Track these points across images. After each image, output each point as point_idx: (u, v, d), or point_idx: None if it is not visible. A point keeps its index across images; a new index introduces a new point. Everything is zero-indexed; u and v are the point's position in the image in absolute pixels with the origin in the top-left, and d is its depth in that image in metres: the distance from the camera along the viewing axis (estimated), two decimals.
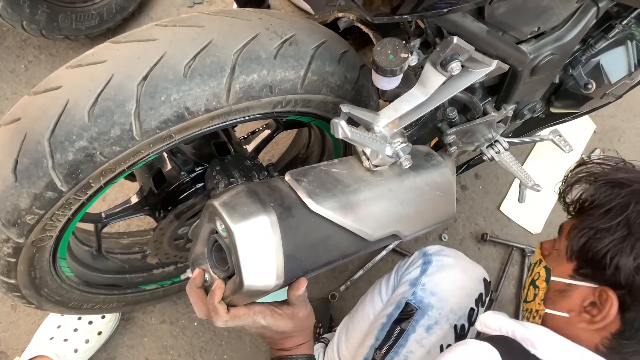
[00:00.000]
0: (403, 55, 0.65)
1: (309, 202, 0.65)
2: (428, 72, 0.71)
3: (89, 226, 1.00)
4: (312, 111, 0.81)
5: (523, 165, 1.69)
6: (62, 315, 1.26)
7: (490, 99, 0.93)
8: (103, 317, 1.28)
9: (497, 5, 0.67)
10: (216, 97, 0.66)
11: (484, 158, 1.01)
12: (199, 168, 0.94)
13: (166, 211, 0.94)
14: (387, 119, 0.73)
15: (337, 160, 0.76)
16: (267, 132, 1.07)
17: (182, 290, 1.26)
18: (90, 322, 1.27)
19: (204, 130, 0.71)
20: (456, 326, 0.92)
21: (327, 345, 1.11)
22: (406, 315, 0.92)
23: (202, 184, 0.94)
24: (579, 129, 1.75)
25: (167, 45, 0.64)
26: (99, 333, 1.27)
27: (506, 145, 0.99)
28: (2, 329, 1.33)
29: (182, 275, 1.21)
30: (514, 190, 1.64)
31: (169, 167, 0.93)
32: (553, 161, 1.70)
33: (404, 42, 0.67)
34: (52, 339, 1.23)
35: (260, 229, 0.61)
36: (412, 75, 0.85)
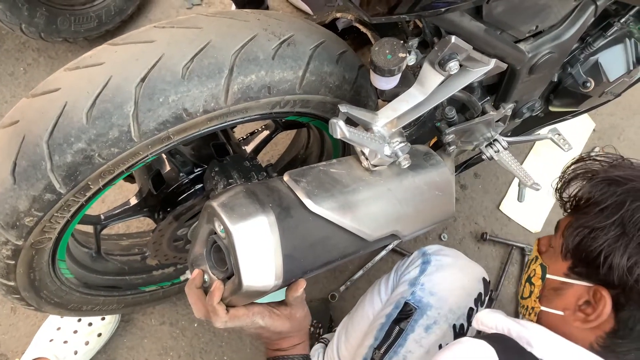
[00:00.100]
0: (401, 55, 0.65)
1: (308, 203, 0.65)
2: (426, 72, 0.71)
3: (88, 228, 1.00)
4: (311, 111, 0.81)
5: (522, 164, 1.69)
6: (61, 317, 1.25)
7: (489, 98, 0.93)
8: (103, 319, 1.28)
9: (494, 4, 0.67)
10: (214, 98, 0.66)
11: (483, 157, 1.01)
12: (198, 169, 0.94)
13: (165, 212, 0.93)
14: (385, 119, 0.72)
15: (336, 160, 0.76)
16: (265, 133, 1.07)
17: (181, 292, 1.25)
18: (90, 324, 1.26)
19: (203, 132, 0.71)
20: (455, 326, 0.92)
21: (327, 346, 1.11)
22: (405, 315, 0.92)
23: (201, 185, 0.94)
24: (578, 128, 1.75)
25: (165, 46, 0.64)
26: (99, 335, 1.27)
27: (505, 144, 0.99)
28: (2, 331, 1.33)
29: (182, 276, 1.22)
30: (514, 190, 1.64)
31: (168, 168, 0.93)
32: (552, 160, 1.69)
33: (402, 41, 0.67)
34: (51, 341, 1.23)
35: (259, 229, 0.61)
36: (410, 75, 0.85)
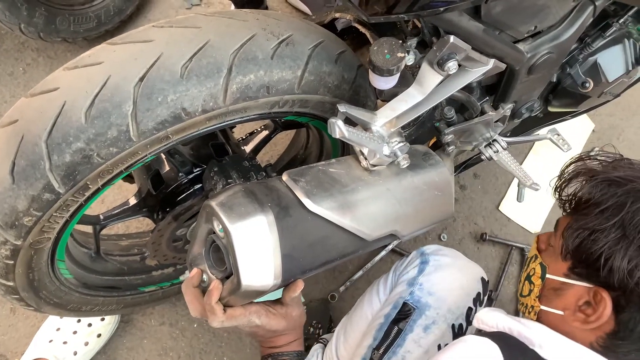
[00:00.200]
0: (400, 54, 0.65)
1: (307, 202, 0.65)
2: (425, 72, 0.71)
3: (88, 228, 1.00)
4: (310, 111, 0.81)
5: (522, 164, 1.69)
6: (61, 317, 1.25)
7: (488, 98, 0.93)
8: (102, 320, 1.27)
9: (493, 4, 0.67)
10: (213, 97, 0.66)
11: (482, 157, 1.01)
12: (197, 169, 0.94)
13: (164, 213, 0.93)
14: (384, 119, 0.72)
15: (335, 160, 0.76)
16: (265, 133, 1.07)
17: (181, 292, 1.24)
18: (89, 325, 1.26)
19: (202, 131, 0.71)
20: (454, 326, 0.91)
21: (325, 346, 1.11)
22: (404, 315, 0.92)
23: (200, 185, 0.94)
24: (578, 128, 1.75)
25: (164, 46, 0.64)
26: (99, 335, 1.27)
27: (504, 145, 0.99)
28: (1, 332, 1.32)
29: (181, 276, 1.22)
30: (513, 190, 1.64)
31: (167, 168, 0.93)
32: (552, 160, 1.70)
33: (401, 41, 0.67)
34: (51, 341, 1.22)
35: (258, 228, 0.61)
36: (409, 75, 0.85)
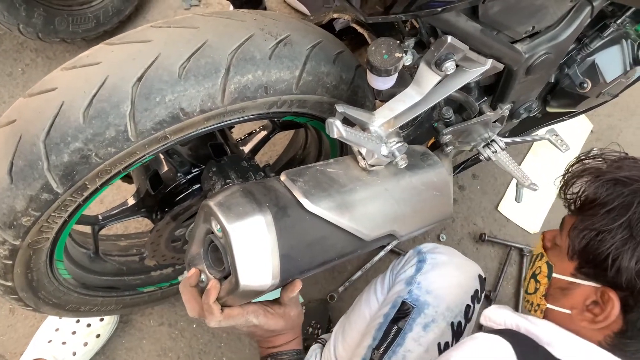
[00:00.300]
0: (397, 55, 0.65)
1: (305, 202, 0.65)
2: (423, 72, 0.71)
3: (86, 228, 1.00)
4: (308, 112, 0.81)
5: (521, 164, 1.69)
6: (60, 318, 1.25)
7: (486, 98, 0.93)
8: (101, 320, 1.27)
9: (490, 5, 0.67)
10: (211, 97, 0.66)
11: (481, 158, 1.01)
12: (196, 169, 0.94)
13: (163, 213, 0.93)
14: (382, 119, 0.73)
15: (333, 160, 0.76)
16: (263, 133, 1.07)
17: (180, 292, 1.25)
18: (88, 325, 1.26)
19: (200, 131, 0.71)
20: (453, 323, 0.91)
21: (324, 346, 1.11)
22: (403, 314, 0.92)
23: (199, 185, 0.94)
24: (576, 129, 1.75)
25: (162, 46, 0.64)
26: (98, 336, 1.27)
27: (503, 145, 0.99)
28: (0, 332, 1.32)
29: (180, 277, 1.22)
30: (512, 190, 1.64)
31: (166, 168, 0.93)
32: (551, 160, 1.70)
33: (399, 42, 0.67)
34: (50, 342, 1.22)
35: (256, 228, 0.61)
36: (407, 75, 0.85)
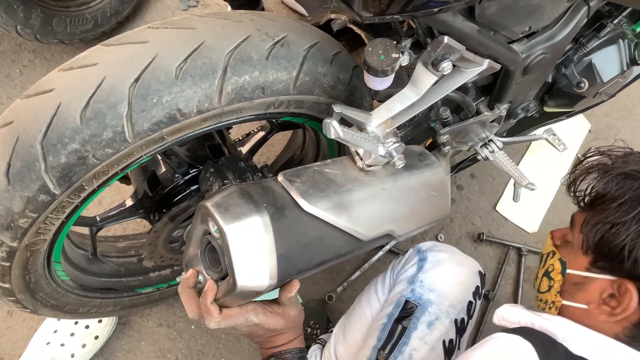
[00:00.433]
0: (394, 55, 0.65)
1: (302, 202, 0.65)
2: (419, 72, 0.71)
3: (84, 230, 1.00)
4: (306, 112, 0.81)
5: (519, 164, 1.69)
6: (58, 319, 1.25)
7: (483, 98, 0.94)
8: (100, 321, 1.27)
9: (487, 5, 0.67)
10: (208, 98, 0.66)
11: (478, 157, 1.01)
12: (193, 170, 0.94)
13: (161, 214, 0.93)
14: (379, 119, 0.73)
15: (331, 160, 0.76)
16: (261, 134, 1.07)
17: (178, 293, 1.25)
18: (87, 327, 1.26)
19: (197, 132, 0.71)
20: (456, 320, 0.91)
21: (324, 347, 1.11)
22: (406, 313, 0.92)
23: (197, 186, 0.94)
24: (574, 128, 1.76)
25: (159, 47, 0.64)
26: (96, 337, 1.27)
27: (500, 145, 1.00)
28: None
29: (178, 278, 1.21)
30: (510, 190, 1.64)
31: (163, 169, 0.93)
32: (548, 160, 1.70)
33: (395, 42, 0.67)
34: (48, 343, 1.22)
35: (253, 229, 0.61)
36: (404, 76, 0.85)
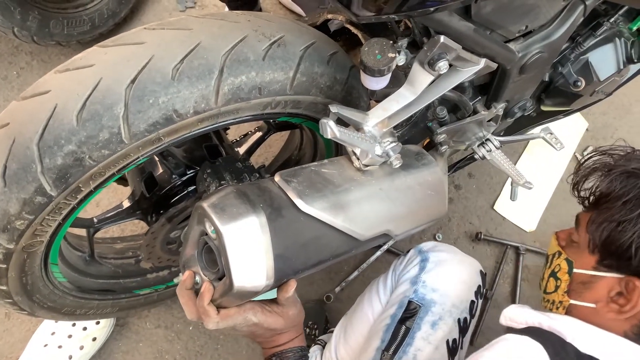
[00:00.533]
0: (390, 55, 0.65)
1: (299, 203, 0.65)
2: (416, 72, 0.71)
3: (81, 231, 0.99)
4: (303, 112, 0.81)
5: (516, 163, 1.70)
6: (55, 321, 1.25)
7: (480, 97, 0.94)
8: (97, 323, 1.27)
9: (483, 4, 0.67)
10: (205, 99, 0.66)
11: (476, 157, 1.02)
12: (191, 171, 0.94)
13: (158, 215, 0.93)
14: (376, 119, 0.73)
15: (328, 160, 0.76)
16: (258, 135, 1.07)
17: (176, 295, 1.25)
18: (84, 328, 1.26)
19: (194, 133, 0.71)
20: (459, 320, 0.91)
21: (324, 348, 1.11)
22: (410, 314, 0.92)
23: (194, 187, 0.93)
24: (572, 127, 1.76)
25: (155, 48, 0.64)
26: (94, 339, 1.27)
27: (497, 144, 1.00)
28: None
29: (176, 279, 1.20)
30: (508, 189, 1.64)
31: (160, 170, 0.93)
32: (546, 159, 1.70)
33: (392, 42, 0.67)
34: (46, 346, 1.22)
35: (250, 229, 0.61)
36: (401, 75, 0.85)
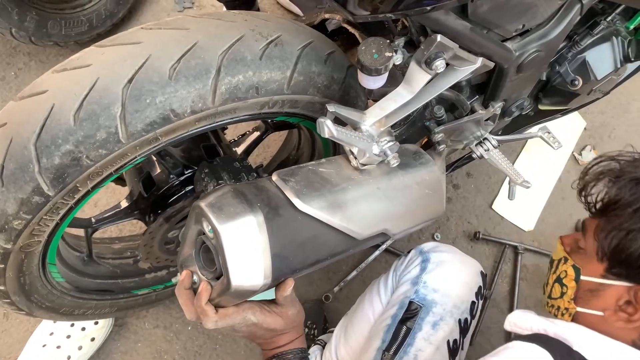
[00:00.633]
0: (387, 54, 0.66)
1: (296, 202, 0.65)
2: (413, 71, 0.71)
3: (79, 231, 0.99)
4: (300, 112, 0.81)
5: (515, 163, 1.70)
6: (54, 322, 1.25)
7: (477, 97, 0.94)
8: (96, 323, 1.27)
9: (479, 3, 0.67)
10: (202, 98, 0.66)
11: (473, 156, 1.02)
12: (188, 171, 0.93)
13: (156, 215, 0.93)
14: (373, 118, 0.73)
15: (325, 159, 0.76)
16: (256, 134, 1.07)
17: (174, 295, 1.25)
18: (83, 329, 1.26)
19: (191, 132, 0.71)
20: (460, 320, 0.92)
21: (324, 347, 1.11)
22: (411, 314, 0.92)
23: (192, 186, 0.93)
24: (570, 126, 1.76)
25: (152, 48, 0.64)
26: (92, 339, 1.27)
27: (495, 143, 1.00)
28: None
29: (174, 279, 1.21)
30: (506, 188, 1.64)
31: (158, 170, 0.93)
32: (544, 158, 1.70)
33: (389, 41, 0.67)
34: (44, 346, 1.22)
35: (247, 229, 0.60)
36: (398, 75, 0.85)
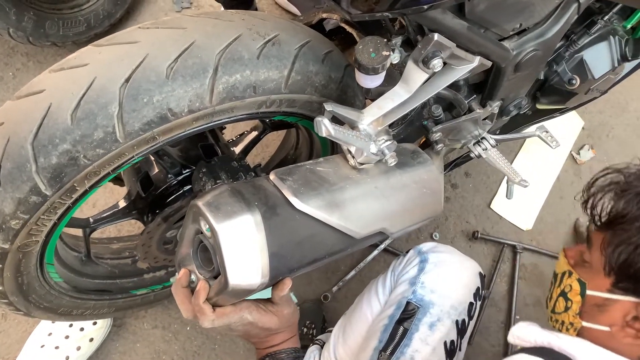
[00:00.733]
0: (385, 53, 0.66)
1: (294, 201, 0.65)
2: (410, 70, 0.71)
3: (77, 231, 0.99)
4: (298, 111, 0.81)
5: (513, 162, 1.70)
6: (52, 322, 1.25)
7: (475, 96, 0.94)
8: (94, 324, 1.27)
9: (477, 2, 0.68)
10: (199, 98, 0.66)
11: (471, 155, 1.02)
12: (186, 170, 0.93)
13: (154, 214, 0.93)
14: (371, 117, 0.73)
15: (323, 159, 0.77)
16: (254, 134, 1.07)
17: (173, 295, 1.25)
18: (81, 329, 1.26)
19: (189, 132, 0.71)
20: (457, 321, 0.91)
21: (322, 348, 1.10)
22: (408, 315, 0.91)
23: (190, 186, 0.93)
24: (568, 125, 1.76)
25: (149, 47, 0.64)
26: (91, 340, 1.26)
27: (493, 142, 1.00)
28: None
29: (172, 279, 1.21)
30: (504, 188, 1.64)
31: (156, 170, 0.93)
32: (542, 158, 1.71)
33: (386, 40, 0.67)
34: (43, 346, 1.22)
35: (245, 228, 0.61)
36: (396, 74, 0.85)
